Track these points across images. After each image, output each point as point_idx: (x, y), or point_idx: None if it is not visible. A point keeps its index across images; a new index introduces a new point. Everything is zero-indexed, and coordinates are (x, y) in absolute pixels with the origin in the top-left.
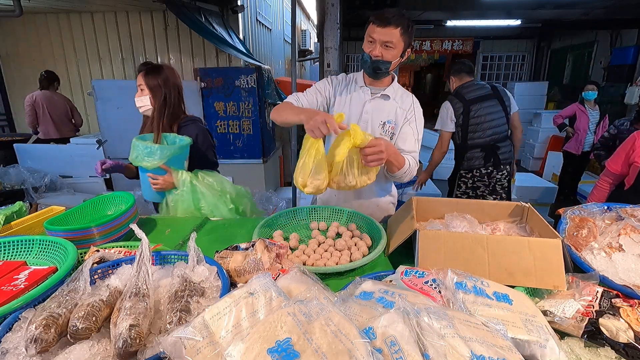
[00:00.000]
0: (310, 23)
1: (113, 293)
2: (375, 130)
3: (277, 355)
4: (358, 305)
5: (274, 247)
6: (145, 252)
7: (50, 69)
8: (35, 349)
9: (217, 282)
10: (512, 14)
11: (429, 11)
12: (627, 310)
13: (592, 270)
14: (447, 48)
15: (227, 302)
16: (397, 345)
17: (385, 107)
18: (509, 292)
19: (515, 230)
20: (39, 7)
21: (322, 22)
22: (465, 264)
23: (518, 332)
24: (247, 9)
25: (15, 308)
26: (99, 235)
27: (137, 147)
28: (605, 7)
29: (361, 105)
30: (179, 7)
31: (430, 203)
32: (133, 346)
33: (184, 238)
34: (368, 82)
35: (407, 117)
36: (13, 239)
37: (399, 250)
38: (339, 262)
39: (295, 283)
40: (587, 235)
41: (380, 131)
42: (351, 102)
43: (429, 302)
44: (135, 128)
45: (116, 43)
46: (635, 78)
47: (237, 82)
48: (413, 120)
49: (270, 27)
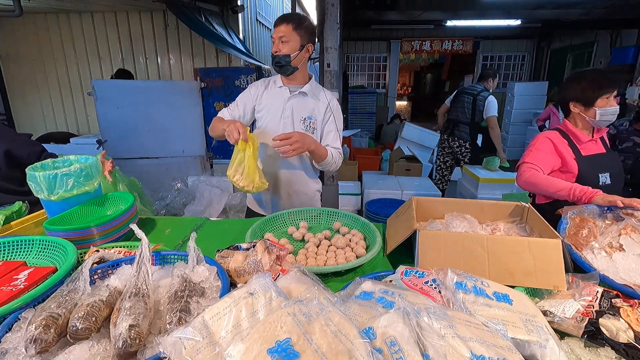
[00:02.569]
0: None
1: (113, 293)
2: (297, 126)
3: (277, 355)
4: (358, 305)
5: (275, 249)
6: (145, 252)
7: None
8: (35, 349)
9: (217, 282)
10: (512, 14)
11: (429, 11)
12: (627, 310)
13: (593, 269)
14: (447, 48)
15: (227, 302)
16: (397, 346)
17: (305, 104)
18: (509, 292)
19: (515, 230)
20: (39, 7)
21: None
22: (465, 264)
23: (518, 332)
24: (247, 9)
25: (15, 308)
26: (98, 235)
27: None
28: (605, 7)
29: (282, 103)
30: (179, 7)
31: (430, 203)
32: (133, 346)
33: (184, 238)
34: (285, 82)
35: (327, 114)
36: (13, 239)
37: (399, 250)
38: (347, 258)
39: (295, 283)
40: (587, 235)
41: (302, 126)
42: (273, 101)
43: (429, 302)
44: (135, 128)
45: (116, 43)
46: (635, 78)
47: (237, 82)
48: (332, 118)
49: (270, 27)
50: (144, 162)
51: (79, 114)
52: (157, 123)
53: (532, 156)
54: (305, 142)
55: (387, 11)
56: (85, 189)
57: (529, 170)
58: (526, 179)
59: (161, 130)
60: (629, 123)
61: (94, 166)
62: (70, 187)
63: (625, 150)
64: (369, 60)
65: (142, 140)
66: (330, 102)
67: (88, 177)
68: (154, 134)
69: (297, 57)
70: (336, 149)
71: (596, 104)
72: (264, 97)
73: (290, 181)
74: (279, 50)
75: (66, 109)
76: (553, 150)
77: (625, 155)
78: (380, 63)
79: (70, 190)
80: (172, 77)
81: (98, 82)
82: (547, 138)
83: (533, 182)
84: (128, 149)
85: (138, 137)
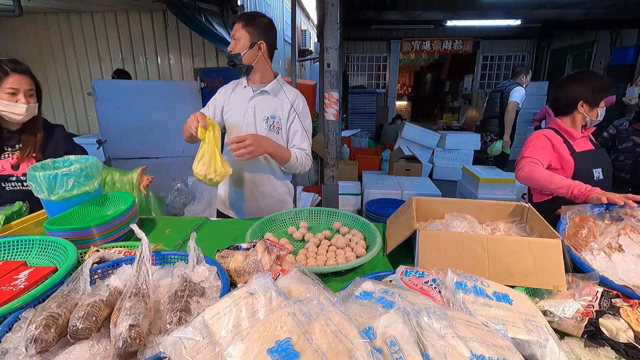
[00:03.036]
0: (310, 23)
1: (113, 293)
2: (259, 125)
3: (277, 355)
4: (358, 305)
5: (275, 249)
6: (145, 252)
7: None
8: (35, 349)
9: (217, 282)
10: (512, 14)
11: (429, 11)
12: (627, 310)
13: (591, 270)
14: (447, 48)
15: (227, 302)
16: (397, 345)
17: (268, 104)
18: (509, 292)
19: (515, 230)
20: (39, 7)
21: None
22: (465, 264)
23: (518, 332)
24: (247, 9)
25: (15, 308)
26: (98, 235)
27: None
28: (605, 7)
29: (245, 102)
30: (179, 7)
31: (430, 203)
32: (133, 346)
33: (184, 238)
34: (250, 82)
35: (291, 114)
36: (13, 239)
37: (399, 250)
38: (347, 258)
39: (295, 283)
40: (587, 235)
41: (265, 126)
42: (237, 101)
43: (429, 302)
44: (135, 128)
45: (116, 43)
46: (635, 78)
47: None
48: (297, 118)
49: None
50: (144, 162)
51: (79, 114)
52: (157, 123)
53: (530, 151)
54: (262, 145)
55: (387, 11)
56: (86, 189)
57: (530, 164)
58: (527, 172)
59: (161, 130)
60: (629, 123)
61: (94, 166)
62: (71, 187)
63: (624, 150)
64: (369, 60)
65: (142, 140)
66: (294, 101)
67: (88, 177)
68: (154, 134)
69: (247, 55)
70: (303, 150)
71: (600, 105)
72: (231, 97)
73: (255, 182)
74: (232, 49)
75: (66, 108)
76: (550, 147)
77: (625, 155)
78: (380, 63)
79: (70, 190)
80: (172, 77)
81: (98, 82)
82: (543, 135)
83: (534, 176)
84: (128, 149)
85: (138, 137)
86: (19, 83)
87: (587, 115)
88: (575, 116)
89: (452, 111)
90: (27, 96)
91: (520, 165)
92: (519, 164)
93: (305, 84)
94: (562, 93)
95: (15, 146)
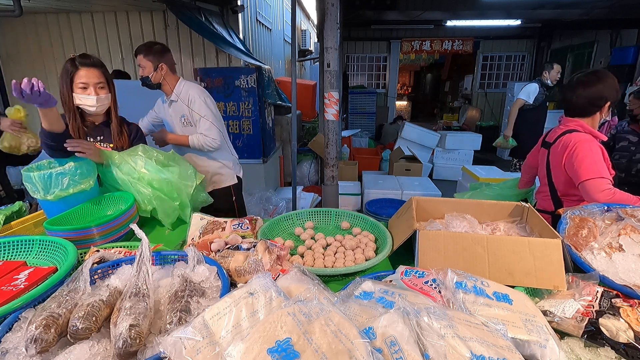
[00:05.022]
0: (310, 23)
1: (113, 293)
2: (177, 124)
3: (277, 355)
4: (358, 305)
5: (275, 249)
6: (145, 252)
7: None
8: (35, 349)
9: (217, 282)
10: (512, 14)
11: (429, 11)
12: (627, 310)
13: (592, 270)
14: (447, 48)
15: (227, 302)
16: (397, 345)
17: (177, 108)
18: (509, 292)
19: (515, 230)
20: (39, 7)
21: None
22: (465, 264)
23: (518, 332)
24: (247, 9)
25: (15, 308)
26: (99, 235)
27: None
28: (605, 7)
29: (166, 111)
30: (179, 7)
31: (430, 203)
32: (133, 346)
33: (184, 238)
34: (165, 93)
35: (189, 109)
36: (13, 239)
37: (399, 250)
38: (355, 260)
39: (295, 283)
40: (587, 235)
41: (181, 125)
42: (161, 111)
43: (429, 302)
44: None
45: (116, 43)
46: (635, 78)
47: (237, 82)
48: (192, 111)
49: (270, 27)
50: None
51: None
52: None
53: (599, 169)
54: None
55: (387, 11)
56: (81, 187)
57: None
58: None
59: None
60: (627, 123)
61: (88, 164)
62: (66, 185)
63: (620, 149)
64: (369, 60)
65: None
66: (186, 99)
67: (83, 175)
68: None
69: (154, 76)
70: (201, 133)
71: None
72: (161, 108)
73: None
74: (142, 74)
75: None
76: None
77: (620, 154)
78: (380, 63)
79: (65, 189)
80: None
81: None
82: (597, 144)
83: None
84: None
85: None
86: (88, 76)
87: (602, 115)
88: (596, 117)
89: (452, 111)
90: (97, 88)
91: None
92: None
93: (305, 84)
94: (585, 93)
95: (97, 137)
